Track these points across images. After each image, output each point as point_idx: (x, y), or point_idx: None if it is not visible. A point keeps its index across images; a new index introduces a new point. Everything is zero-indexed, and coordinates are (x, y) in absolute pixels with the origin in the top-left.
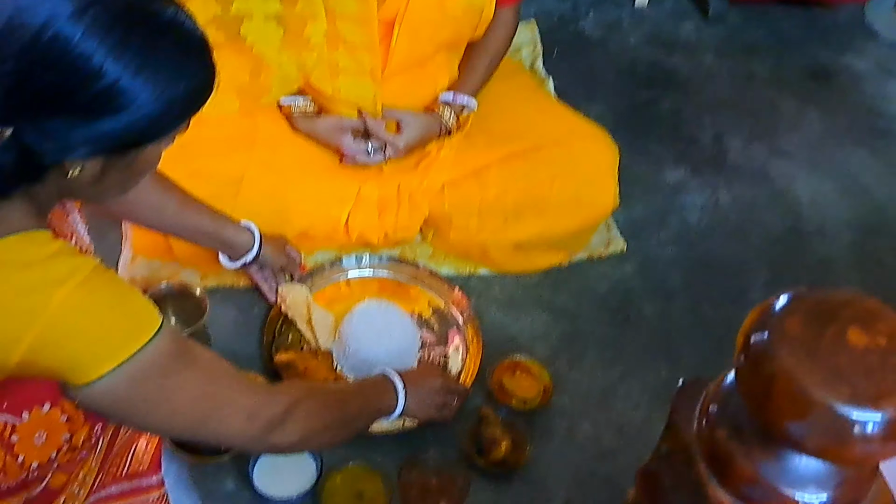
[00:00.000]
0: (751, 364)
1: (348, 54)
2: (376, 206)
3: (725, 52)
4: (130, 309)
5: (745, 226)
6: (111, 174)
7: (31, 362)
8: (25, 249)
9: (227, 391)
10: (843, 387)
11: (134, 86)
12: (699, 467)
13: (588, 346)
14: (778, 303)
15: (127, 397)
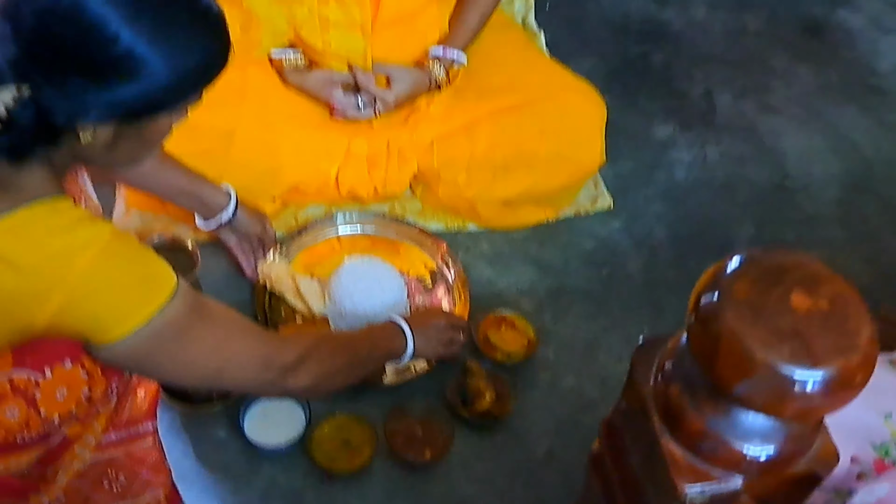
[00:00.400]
0: (700, 324)
1: (338, 8)
2: (366, 160)
3: (718, 6)
4: (149, 271)
5: (732, 181)
6: (123, 142)
7: (58, 325)
8: (49, 217)
9: (241, 342)
10: (784, 347)
11: (148, 54)
12: (654, 421)
13: (573, 300)
14: (729, 265)
15: (148, 354)
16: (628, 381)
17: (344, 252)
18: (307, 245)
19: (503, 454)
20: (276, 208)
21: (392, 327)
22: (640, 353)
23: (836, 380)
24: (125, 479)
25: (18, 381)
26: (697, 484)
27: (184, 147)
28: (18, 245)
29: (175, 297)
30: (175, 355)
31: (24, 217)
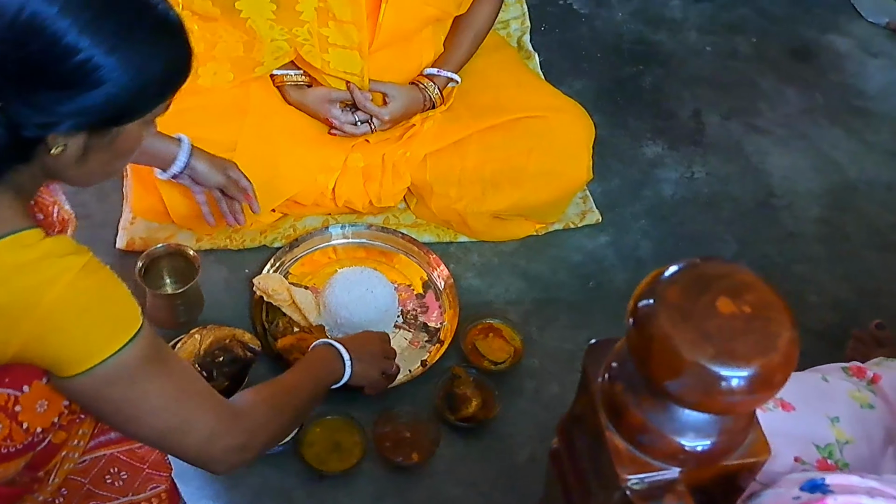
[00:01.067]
0: (637, 327)
1: (337, 29)
2: (362, 174)
3: (709, 30)
4: (113, 311)
5: (717, 199)
6: (94, 154)
7: (23, 356)
8: (17, 253)
9: (193, 408)
10: (709, 348)
11: (108, 62)
12: (600, 416)
13: (559, 311)
14: (665, 273)
15: (98, 395)
16: (580, 380)
17: (340, 262)
18: (304, 255)
19: (488, 458)
20: (275, 218)
21: (330, 353)
22: (591, 354)
23: (757, 378)
24: (127, 475)
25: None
26: (637, 474)
27: None
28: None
29: (135, 340)
30: (123, 402)
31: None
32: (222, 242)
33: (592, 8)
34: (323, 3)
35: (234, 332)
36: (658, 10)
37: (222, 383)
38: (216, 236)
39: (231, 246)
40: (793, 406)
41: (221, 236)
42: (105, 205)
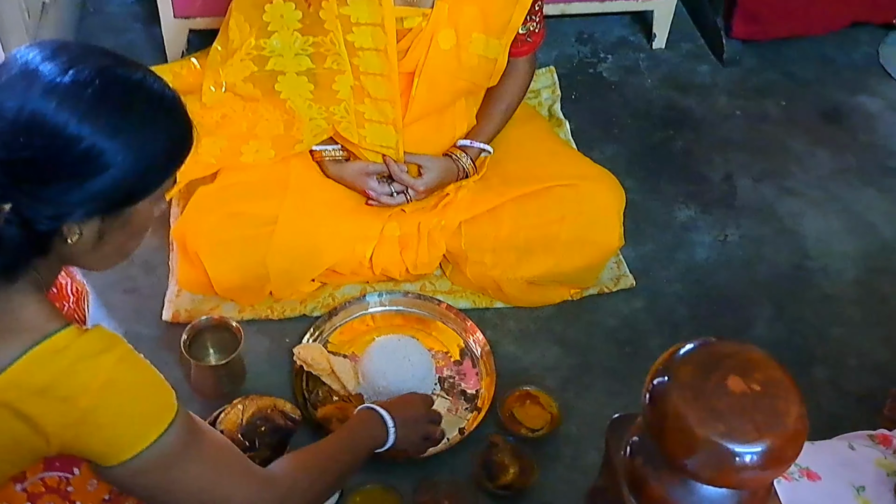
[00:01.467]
0: (652, 404)
1: (373, 106)
2: (398, 243)
3: (739, 94)
4: (147, 402)
5: (751, 262)
6: (109, 237)
7: (63, 451)
8: (51, 361)
9: (229, 483)
10: (720, 425)
11: (111, 147)
12: (623, 489)
13: (596, 377)
14: (679, 351)
15: (136, 483)
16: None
17: (378, 330)
18: (343, 324)
19: None
20: (314, 288)
21: (373, 419)
22: (613, 428)
23: (768, 454)
24: None
25: (50, 481)
26: None
27: (230, 232)
28: (25, 397)
29: (169, 431)
30: (161, 487)
31: (28, 365)
32: (264, 313)
33: (622, 75)
34: (358, 82)
35: (276, 402)
36: (687, 76)
37: (264, 452)
38: (258, 307)
39: (272, 316)
40: (819, 475)
41: (263, 307)
42: (152, 278)
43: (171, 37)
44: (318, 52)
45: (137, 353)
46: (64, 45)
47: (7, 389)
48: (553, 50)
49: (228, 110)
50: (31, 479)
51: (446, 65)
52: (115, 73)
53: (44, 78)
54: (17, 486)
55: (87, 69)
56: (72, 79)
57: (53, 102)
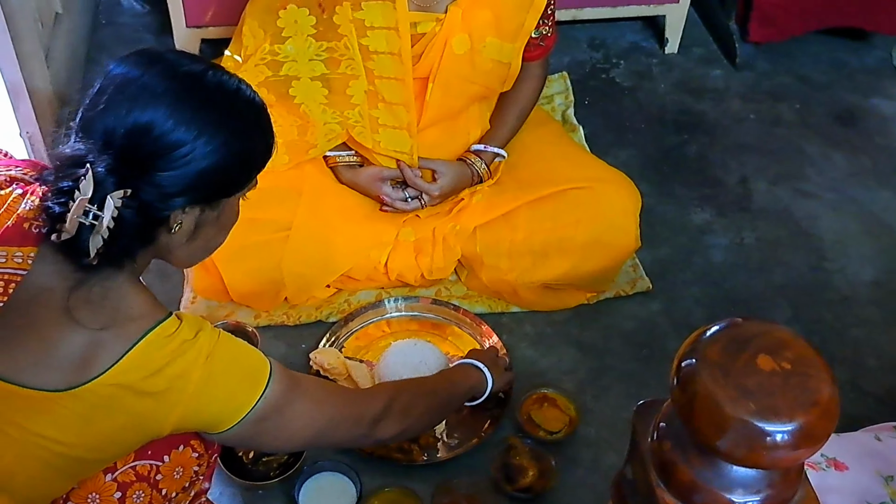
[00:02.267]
0: (680, 385)
1: (387, 110)
2: (413, 248)
3: (752, 98)
4: (246, 366)
5: (768, 265)
6: (203, 229)
7: (179, 428)
8: (162, 346)
9: (333, 408)
10: (751, 404)
11: (214, 146)
12: (651, 474)
13: (613, 380)
14: (707, 332)
15: (255, 433)
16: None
17: (393, 335)
18: (359, 329)
19: None
20: (330, 294)
21: (470, 368)
22: (640, 414)
23: (800, 433)
24: None
25: (141, 469)
26: None
27: (245, 238)
28: (146, 377)
29: (270, 383)
30: (277, 430)
31: (143, 351)
32: (280, 319)
33: (635, 80)
34: (372, 87)
35: None
36: (700, 80)
37: (281, 457)
38: (274, 313)
39: (288, 322)
40: (846, 466)
41: (279, 313)
42: (167, 285)
43: (183, 46)
44: (332, 57)
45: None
46: (163, 52)
47: (128, 372)
48: (565, 56)
49: None
50: (122, 469)
51: (460, 69)
52: (216, 79)
53: (153, 84)
54: (107, 476)
55: (192, 76)
56: (179, 85)
57: (163, 108)
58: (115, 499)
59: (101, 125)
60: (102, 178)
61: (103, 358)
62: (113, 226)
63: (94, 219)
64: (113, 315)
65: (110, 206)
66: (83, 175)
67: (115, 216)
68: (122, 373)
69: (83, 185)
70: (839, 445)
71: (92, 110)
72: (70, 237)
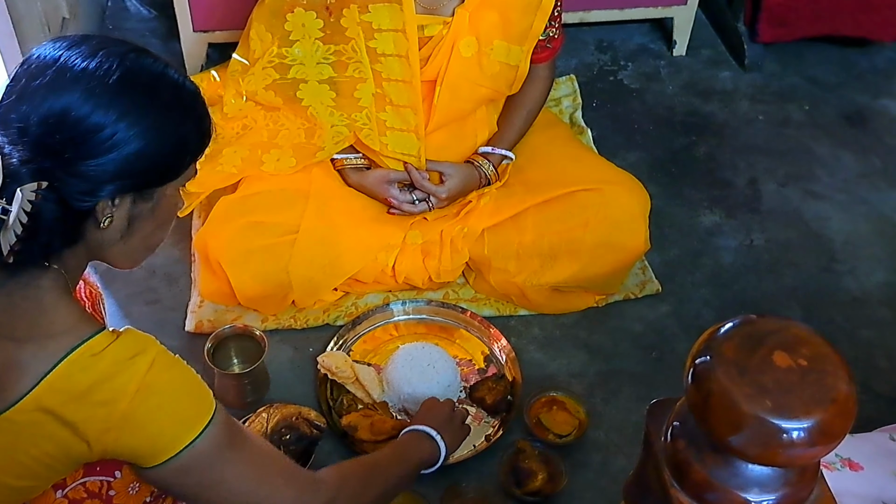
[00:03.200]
0: (694, 383)
1: (395, 113)
2: (421, 251)
3: (761, 99)
4: (183, 403)
5: (778, 266)
6: (138, 224)
7: (105, 456)
8: (88, 367)
9: (273, 482)
10: (767, 401)
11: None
12: (665, 474)
13: (623, 383)
14: (722, 329)
15: (176, 483)
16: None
17: (401, 338)
18: (366, 332)
19: None
20: (337, 297)
21: (417, 437)
22: (653, 413)
23: (817, 430)
24: None
25: (91, 486)
26: None
27: (252, 242)
28: (66, 402)
29: (208, 429)
30: (203, 487)
31: (65, 372)
32: (287, 322)
33: (643, 82)
34: (380, 90)
35: (300, 410)
36: (708, 82)
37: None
38: (281, 316)
39: (295, 325)
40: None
41: (286, 316)
42: (174, 289)
43: (190, 51)
44: (339, 60)
45: (172, 353)
46: (84, 36)
47: (48, 395)
48: (573, 58)
49: (249, 120)
50: (72, 485)
51: (468, 72)
52: (139, 61)
53: (68, 68)
54: (57, 492)
55: (111, 58)
56: (96, 67)
57: (78, 92)
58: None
59: (15, 114)
60: (14, 169)
61: (23, 381)
62: (28, 220)
63: (4, 213)
64: (33, 327)
65: (19, 199)
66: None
67: (31, 211)
68: (42, 396)
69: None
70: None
71: (6, 100)
72: None
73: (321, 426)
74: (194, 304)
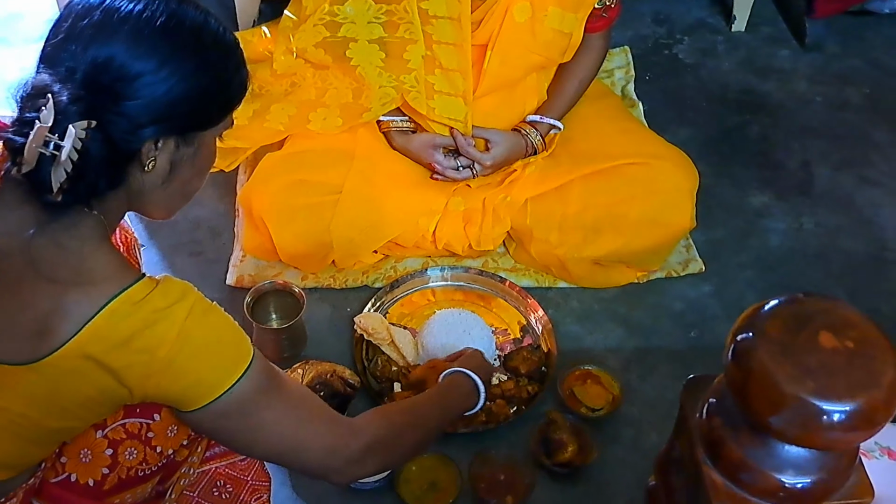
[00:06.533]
0: (735, 360)
1: (443, 77)
2: (462, 218)
3: (820, 80)
4: (223, 349)
5: (826, 252)
6: (179, 169)
7: (146, 400)
8: (128, 315)
9: (310, 427)
10: (810, 382)
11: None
12: (698, 451)
13: (660, 360)
14: (765, 307)
15: (216, 427)
16: (678, 416)
17: (438, 304)
18: (403, 296)
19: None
20: (377, 259)
21: (465, 382)
22: (689, 389)
23: (858, 414)
24: (233, 488)
25: (131, 427)
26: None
27: (296, 199)
28: (109, 349)
29: (247, 375)
30: (241, 431)
31: (107, 320)
32: (326, 281)
33: (698, 57)
34: (430, 52)
35: (335, 368)
36: (766, 60)
37: None
38: (320, 275)
39: (334, 285)
40: None
41: (325, 275)
42: (217, 243)
43: (242, 6)
44: (390, 20)
45: (209, 300)
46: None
47: (91, 342)
48: (628, 30)
49: (298, 78)
50: (112, 426)
51: (520, 38)
52: (182, 8)
53: (115, 9)
54: (98, 432)
55: (156, 2)
56: (142, 10)
57: (125, 34)
58: (106, 455)
59: (64, 54)
60: (65, 107)
61: (65, 327)
62: (77, 158)
63: (56, 149)
64: (76, 272)
65: (72, 135)
66: (44, 104)
67: (80, 149)
68: (85, 343)
69: (43, 114)
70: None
71: (54, 39)
72: (31, 170)
73: (355, 385)
74: (236, 259)
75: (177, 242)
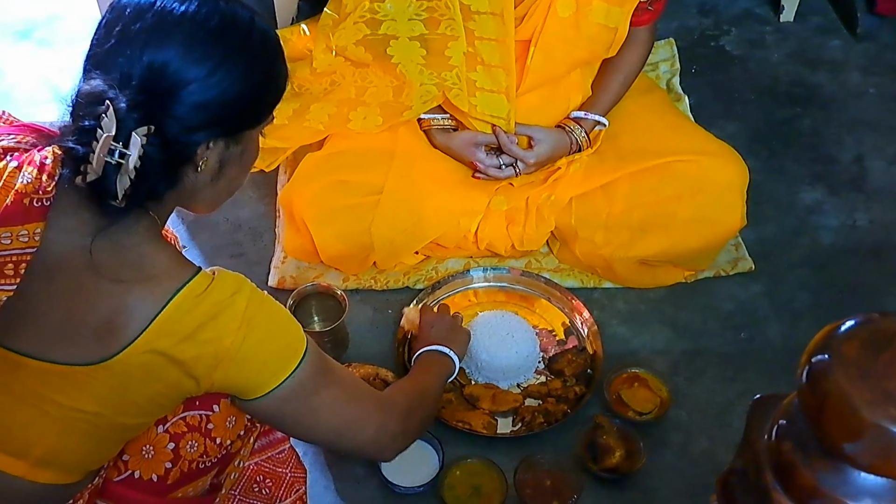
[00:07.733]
0: (810, 383)
1: (485, 73)
2: (505, 217)
3: (873, 71)
4: (282, 337)
5: (882, 249)
6: (227, 167)
7: (211, 391)
8: (193, 308)
9: (361, 407)
10: (892, 408)
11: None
12: (766, 476)
13: (709, 363)
14: (842, 326)
15: (278, 411)
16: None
17: (480, 305)
18: (445, 297)
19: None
20: (418, 261)
21: (435, 355)
22: (756, 409)
23: None
24: (272, 482)
25: (192, 420)
26: None
27: (337, 200)
28: (177, 343)
29: (305, 360)
30: (300, 415)
31: (172, 315)
32: (367, 283)
33: (746, 49)
34: (472, 49)
35: (378, 371)
36: (817, 50)
37: None
38: (362, 276)
39: (376, 287)
40: None
41: (367, 277)
42: (258, 244)
43: (281, 3)
44: (431, 17)
45: (261, 290)
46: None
47: (159, 337)
48: (673, 21)
49: (338, 76)
50: (173, 420)
51: (564, 33)
52: (231, 8)
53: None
54: (159, 427)
55: (207, 3)
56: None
57: (180, 37)
58: (168, 450)
59: (119, 59)
60: (124, 114)
61: (132, 325)
62: (139, 165)
63: (121, 157)
64: (138, 271)
65: (136, 143)
66: (104, 112)
67: (141, 154)
68: (153, 339)
69: (105, 122)
70: None
71: (105, 44)
72: (96, 178)
73: None
74: (278, 260)
75: (218, 244)
